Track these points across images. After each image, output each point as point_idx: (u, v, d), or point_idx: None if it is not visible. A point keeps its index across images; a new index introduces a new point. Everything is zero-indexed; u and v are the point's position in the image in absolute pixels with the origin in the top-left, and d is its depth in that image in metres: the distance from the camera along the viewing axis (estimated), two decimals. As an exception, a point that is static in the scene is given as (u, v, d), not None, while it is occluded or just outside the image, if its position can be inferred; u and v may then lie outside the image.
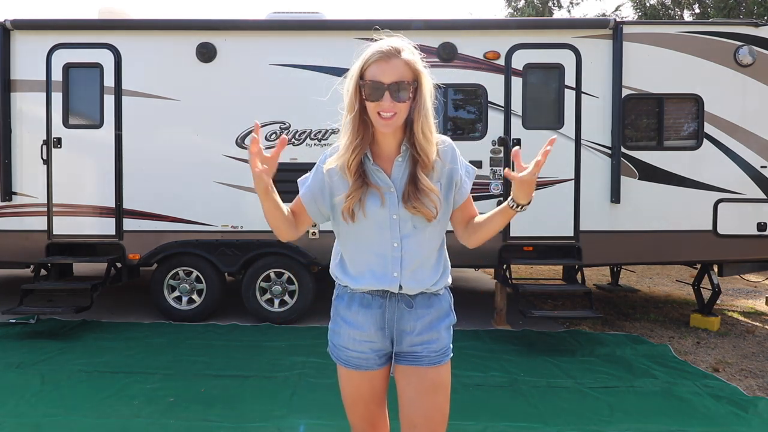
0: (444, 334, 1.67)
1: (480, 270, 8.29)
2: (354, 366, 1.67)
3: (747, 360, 4.46)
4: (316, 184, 1.66)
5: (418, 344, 1.63)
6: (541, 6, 17.28)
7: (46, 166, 5.27)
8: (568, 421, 3.19)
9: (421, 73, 1.52)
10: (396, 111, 1.50)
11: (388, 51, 1.49)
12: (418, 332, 1.63)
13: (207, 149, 5.28)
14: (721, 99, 5.17)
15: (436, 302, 1.67)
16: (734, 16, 12.28)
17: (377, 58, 1.49)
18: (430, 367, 1.62)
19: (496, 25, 5.67)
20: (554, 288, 5.56)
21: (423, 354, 1.63)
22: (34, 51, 5.26)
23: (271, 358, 4.26)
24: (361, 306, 1.64)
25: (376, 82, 1.48)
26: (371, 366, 1.66)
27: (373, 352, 1.66)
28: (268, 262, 5.36)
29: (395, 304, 1.63)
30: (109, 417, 3.16)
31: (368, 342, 1.65)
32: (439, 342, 1.65)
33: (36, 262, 5.47)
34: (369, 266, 1.62)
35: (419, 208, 1.55)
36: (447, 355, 1.68)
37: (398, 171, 1.60)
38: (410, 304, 1.63)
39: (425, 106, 1.55)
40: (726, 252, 5.24)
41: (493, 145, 5.23)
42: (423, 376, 1.62)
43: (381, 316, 1.63)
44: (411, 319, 1.63)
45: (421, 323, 1.64)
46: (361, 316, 1.64)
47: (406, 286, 1.61)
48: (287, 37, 5.28)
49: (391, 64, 1.48)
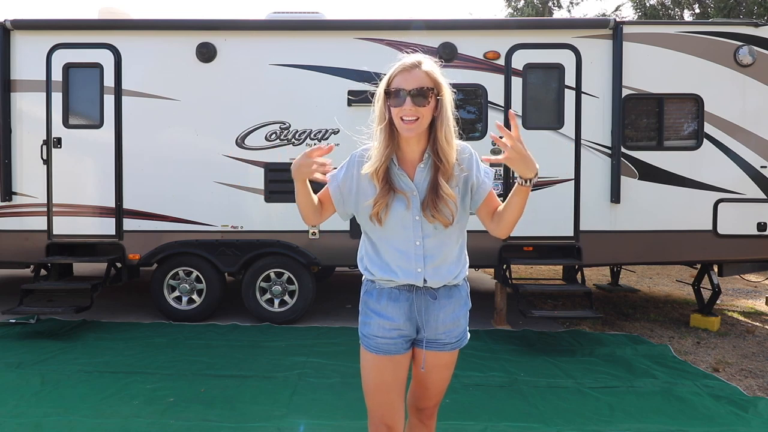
0: (462, 321, 1.86)
1: (480, 270, 8.30)
2: (383, 351, 1.81)
3: (747, 360, 4.47)
4: (345, 185, 1.82)
5: (442, 332, 1.82)
6: (541, 6, 17.29)
7: (46, 166, 5.27)
8: (568, 421, 3.19)
9: (441, 83, 1.70)
10: (418, 116, 1.65)
11: (411, 63, 1.68)
12: (441, 321, 1.81)
13: (207, 149, 5.28)
14: (721, 99, 5.17)
15: (456, 293, 1.84)
16: (734, 16, 12.29)
17: (401, 69, 1.68)
18: (450, 352, 1.85)
19: (496, 25, 5.67)
20: (554, 288, 5.56)
21: (446, 341, 1.83)
22: (34, 51, 5.26)
23: (271, 358, 4.26)
24: (389, 300, 1.80)
25: (399, 90, 1.65)
26: (398, 350, 1.82)
27: (401, 337, 1.82)
28: (268, 262, 5.36)
29: (421, 297, 1.80)
30: (109, 417, 3.16)
31: (397, 329, 1.81)
32: (459, 329, 1.85)
33: (36, 262, 5.47)
34: (395, 262, 1.78)
35: (437, 216, 1.71)
36: (465, 339, 1.89)
37: (420, 176, 1.75)
38: (434, 296, 1.80)
39: (446, 114, 1.72)
40: (726, 252, 5.24)
41: (493, 145, 5.22)
42: (442, 358, 1.84)
43: (409, 308, 1.80)
44: (435, 309, 1.80)
45: (444, 312, 1.81)
46: (390, 308, 1.80)
47: (430, 280, 1.77)
48: (287, 37, 5.28)
49: (413, 74, 1.66)
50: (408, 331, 1.81)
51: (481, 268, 5.94)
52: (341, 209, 1.85)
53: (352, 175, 1.80)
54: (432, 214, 1.70)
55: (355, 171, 1.80)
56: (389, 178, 1.73)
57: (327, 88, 5.25)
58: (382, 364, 1.81)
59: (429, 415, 1.97)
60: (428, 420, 1.98)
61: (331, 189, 1.83)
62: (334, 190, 1.83)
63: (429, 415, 1.97)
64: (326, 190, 1.85)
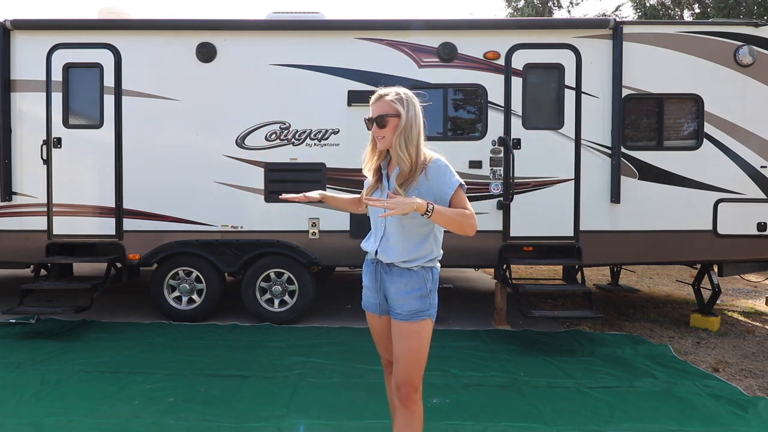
0: (414, 301, 2.18)
1: (480, 270, 8.30)
2: (367, 309, 2.37)
3: (747, 360, 4.47)
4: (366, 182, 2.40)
5: (395, 303, 2.21)
6: (541, 6, 17.29)
7: (46, 166, 5.27)
8: (568, 421, 3.19)
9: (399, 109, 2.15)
10: (383, 135, 2.18)
11: (378, 95, 2.21)
12: (393, 294, 2.22)
13: (207, 149, 5.28)
14: (721, 99, 5.17)
15: (407, 275, 2.20)
16: (734, 16, 12.29)
17: (373, 100, 2.23)
18: (404, 321, 2.18)
19: (496, 25, 5.67)
20: (554, 288, 5.55)
21: (398, 311, 2.20)
22: (34, 51, 5.26)
23: (271, 358, 4.26)
24: (366, 267, 2.37)
25: (368, 117, 2.22)
26: (375, 310, 2.33)
27: (374, 299, 2.32)
28: (268, 262, 5.36)
29: (380, 269, 2.27)
30: (109, 417, 3.16)
31: (371, 292, 2.33)
32: (409, 305, 2.18)
33: (36, 262, 5.47)
34: (370, 235, 2.36)
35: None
36: (418, 317, 2.18)
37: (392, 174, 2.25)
38: (386, 271, 2.24)
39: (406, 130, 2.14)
40: (726, 252, 5.24)
41: (493, 145, 5.22)
42: (399, 326, 2.20)
43: (374, 277, 2.31)
44: (388, 282, 2.23)
45: (395, 287, 2.21)
46: (367, 275, 2.36)
47: (380, 253, 2.25)
48: (287, 37, 5.28)
49: (378, 104, 2.20)
50: (378, 298, 2.29)
51: (481, 268, 5.94)
52: None
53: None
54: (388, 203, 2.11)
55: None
56: (379, 175, 2.29)
57: (327, 88, 5.25)
58: (370, 318, 2.38)
59: (405, 395, 2.16)
60: (406, 401, 2.16)
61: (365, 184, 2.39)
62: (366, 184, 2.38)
63: (405, 396, 2.16)
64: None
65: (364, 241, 2.37)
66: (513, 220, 5.22)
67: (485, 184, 5.21)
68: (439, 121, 5.19)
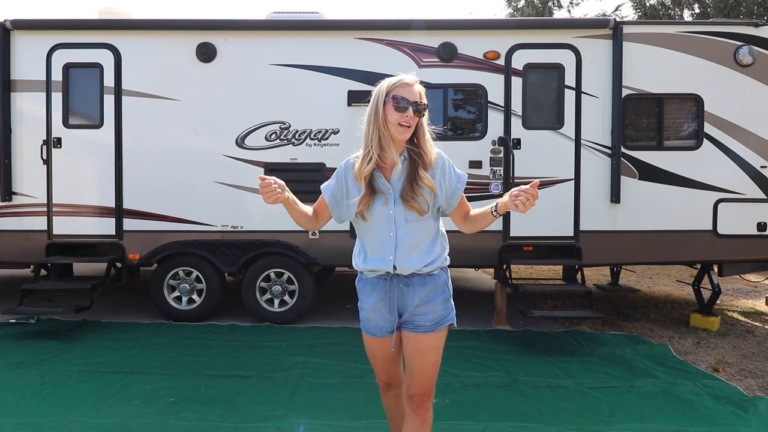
0: (439, 307, 2.05)
1: (480, 270, 8.30)
2: (372, 333, 2.11)
3: (747, 360, 4.46)
4: (337, 190, 2.10)
5: (416, 316, 2.04)
6: (541, 6, 17.28)
7: (46, 166, 5.27)
8: (568, 421, 3.19)
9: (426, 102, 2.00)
10: (412, 123, 1.96)
11: (411, 80, 1.98)
12: (415, 305, 2.03)
13: (207, 149, 5.28)
14: (721, 99, 5.17)
15: (430, 281, 2.05)
16: (734, 16, 12.28)
17: (403, 84, 1.96)
18: (425, 334, 2.03)
19: (496, 25, 5.67)
20: (554, 288, 5.56)
21: (420, 323, 2.03)
22: (34, 51, 5.26)
23: (271, 358, 4.26)
24: (372, 288, 2.08)
25: (403, 99, 1.94)
26: (383, 334, 2.09)
27: (384, 322, 2.08)
28: (268, 262, 5.36)
29: (395, 284, 2.04)
30: (109, 417, 3.16)
31: (380, 314, 2.07)
32: (434, 313, 2.04)
33: (36, 262, 5.47)
34: (374, 251, 2.06)
35: (413, 204, 1.97)
36: (442, 324, 2.06)
37: (396, 175, 2.01)
38: (407, 283, 2.03)
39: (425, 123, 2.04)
40: (726, 252, 5.24)
41: (493, 145, 5.23)
42: (418, 341, 2.04)
43: (386, 294, 2.05)
44: (410, 295, 2.03)
45: (419, 298, 2.03)
46: (373, 295, 2.08)
47: (399, 266, 2.01)
48: (287, 37, 5.28)
49: (413, 89, 1.97)
50: (389, 317, 2.06)
51: (481, 268, 5.94)
52: (336, 213, 2.13)
53: (343, 182, 2.08)
54: (409, 202, 1.96)
55: (345, 177, 2.08)
56: (371, 181, 2.01)
57: (327, 88, 5.25)
58: (372, 342, 2.14)
59: (419, 403, 2.06)
60: (419, 409, 2.06)
61: (326, 197, 2.12)
62: (328, 197, 2.12)
63: (419, 404, 2.06)
64: (321, 199, 2.13)
65: (364, 260, 2.08)
66: (513, 220, 5.23)
67: (485, 184, 5.21)
68: (439, 121, 5.19)
